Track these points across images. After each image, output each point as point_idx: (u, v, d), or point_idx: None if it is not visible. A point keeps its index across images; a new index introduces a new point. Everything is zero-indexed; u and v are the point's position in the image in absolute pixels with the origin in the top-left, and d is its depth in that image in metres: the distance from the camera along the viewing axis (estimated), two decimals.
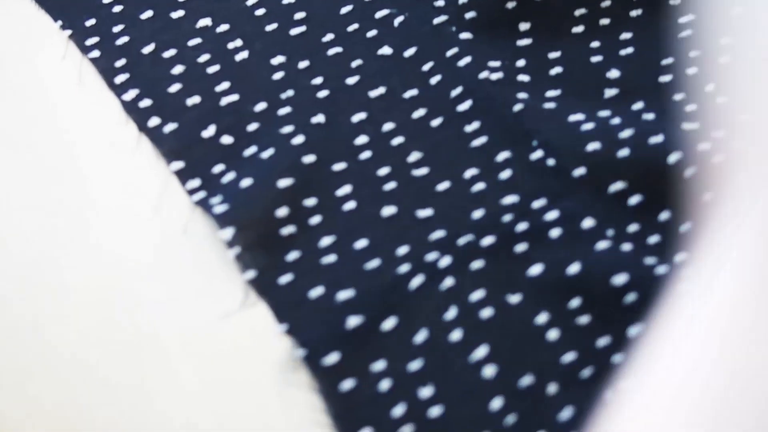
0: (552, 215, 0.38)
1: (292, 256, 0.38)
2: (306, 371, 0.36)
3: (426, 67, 0.43)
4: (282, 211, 0.39)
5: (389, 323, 0.36)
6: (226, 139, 0.41)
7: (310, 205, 0.39)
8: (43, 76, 0.43)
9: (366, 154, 0.40)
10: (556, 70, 0.43)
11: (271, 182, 0.39)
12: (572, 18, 0.44)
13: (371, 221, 0.39)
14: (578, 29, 0.44)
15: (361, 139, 0.41)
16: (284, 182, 0.39)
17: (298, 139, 0.41)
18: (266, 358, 0.36)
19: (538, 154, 0.40)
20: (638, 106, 0.41)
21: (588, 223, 0.38)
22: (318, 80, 0.42)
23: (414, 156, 0.40)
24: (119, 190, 0.40)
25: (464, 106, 0.41)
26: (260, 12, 0.45)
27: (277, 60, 0.43)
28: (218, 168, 0.40)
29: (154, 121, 0.42)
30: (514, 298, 0.37)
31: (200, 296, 0.38)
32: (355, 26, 0.44)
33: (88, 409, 0.36)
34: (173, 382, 0.36)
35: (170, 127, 0.41)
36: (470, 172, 0.40)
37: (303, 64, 0.43)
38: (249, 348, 0.37)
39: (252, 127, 0.41)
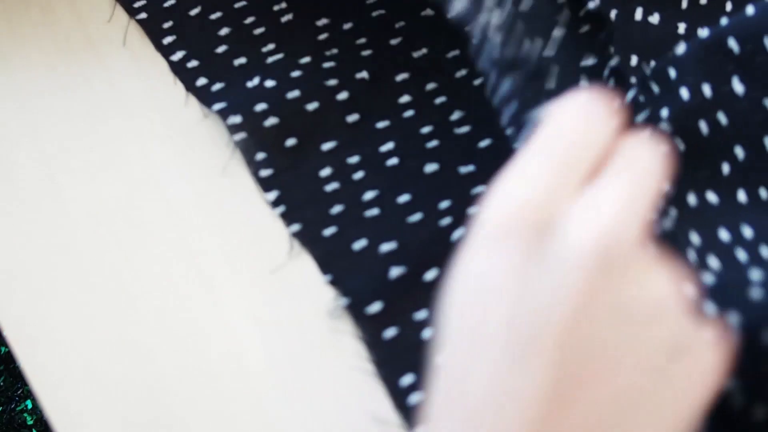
0: None
1: (336, 209, 0.39)
2: (350, 319, 0.37)
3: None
4: (326, 171, 0.40)
5: (431, 274, 0.37)
6: None
7: (353, 162, 0.40)
8: (90, 38, 0.44)
9: (409, 113, 0.41)
10: None
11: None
12: None
13: (414, 177, 0.40)
14: None
15: (404, 98, 0.42)
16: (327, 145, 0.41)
17: (342, 95, 0.41)
18: (313, 306, 0.37)
19: None
20: None
21: None
22: (362, 40, 0.43)
23: (456, 114, 0.41)
24: (180, 151, 0.41)
25: None
26: None
27: (322, 22, 0.44)
28: None
29: (201, 81, 0.42)
30: None
31: (250, 248, 0.39)
32: None
33: (144, 340, 0.37)
34: (224, 322, 0.37)
35: (217, 86, 0.42)
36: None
37: (347, 26, 0.43)
38: (296, 296, 0.38)
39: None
